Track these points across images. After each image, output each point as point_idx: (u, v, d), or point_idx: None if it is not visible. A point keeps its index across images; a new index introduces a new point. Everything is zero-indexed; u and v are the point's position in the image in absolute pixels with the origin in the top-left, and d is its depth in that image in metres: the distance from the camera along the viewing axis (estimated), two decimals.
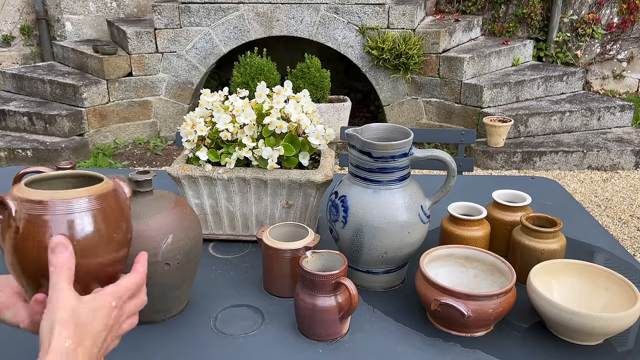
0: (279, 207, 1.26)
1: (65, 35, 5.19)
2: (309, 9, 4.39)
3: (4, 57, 5.38)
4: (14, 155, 4.03)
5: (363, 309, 1.08)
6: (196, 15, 4.44)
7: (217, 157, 1.24)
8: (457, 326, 0.99)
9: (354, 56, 4.47)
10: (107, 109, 4.46)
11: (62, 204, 0.64)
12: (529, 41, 4.95)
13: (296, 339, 0.99)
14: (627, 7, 5.04)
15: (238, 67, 4.01)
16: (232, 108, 1.25)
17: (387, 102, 4.58)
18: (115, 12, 5.27)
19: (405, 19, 4.33)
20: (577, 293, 1.05)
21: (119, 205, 0.70)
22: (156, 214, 0.97)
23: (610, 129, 4.41)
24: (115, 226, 0.69)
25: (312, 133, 1.24)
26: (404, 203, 1.06)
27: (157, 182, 1.16)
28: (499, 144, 4.07)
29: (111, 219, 0.68)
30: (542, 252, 1.11)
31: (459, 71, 4.30)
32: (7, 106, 4.31)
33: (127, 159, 4.30)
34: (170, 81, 4.61)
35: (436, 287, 0.98)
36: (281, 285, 1.11)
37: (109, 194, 0.69)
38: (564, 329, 0.97)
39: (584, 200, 3.58)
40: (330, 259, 1.03)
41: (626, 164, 4.04)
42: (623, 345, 0.99)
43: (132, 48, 4.46)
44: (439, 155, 1.07)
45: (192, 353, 0.96)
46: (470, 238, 1.16)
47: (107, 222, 0.68)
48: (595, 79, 5.35)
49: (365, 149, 1.05)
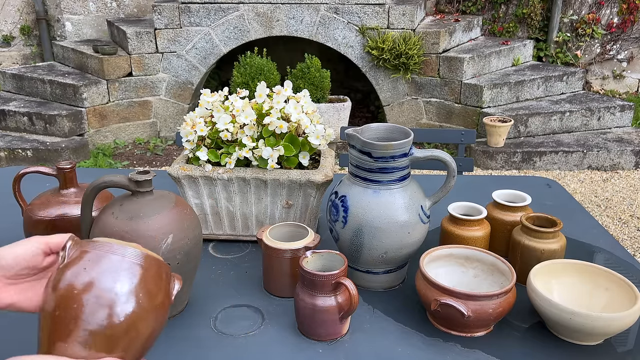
0: (279, 207, 1.26)
1: (65, 35, 5.19)
2: (309, 9, 4.39)
3: (4, 57, 5.38)
4: (14, 155, 4.03)
5: (363, 309, 1.08)
6: (196, 15, 4.44)
7: (217, 157, 1.24)
8: (457, 326, 0.99)
9: (354, 56, 4.47)
10: (107, 109, 4.46)
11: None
12: (529, 41, 4.95)
13: (296, 339, 0.99)
14: (627, 7, 5.04)
15: (238, 67, 4.01)
16: (232, 108, 1.25)
17: (387, 102, 4.58)
18: (115, 12, 5.27)
19: (405, 19, 4.33)
20: (577, 293, 1.05)
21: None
22: (156, 214, 0.97)
23: (610, 129, 4.41)
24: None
25: (312, 133, 1.24)
26: (404, 203, 1.06)
27: (157, 182, 1.16)
28: (499, 144, 4.07)
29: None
30: (542, 252, 1.11)
31: (459, 71, 4.30)
32: (7, 106, 4.32)
33: (127, 159, 4.30)
34: (170, 81, 4.61)
35: (436, 287, 0.98)
36: (281, 285, 1.11)
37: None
38: (564, 329, 0.97)
39: (584, 200, 3.58)
40: (330, 259, 1.03)
41: (626, 164, 4.04)
42: (623, 345, 0.99)
43: (132, 48, 4.46)
44: (439, 155, 1.07)
45: (192, 353, 0.96)
46: (470, 238, 1.16)
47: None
48: (595, 79, 5.35)
49: (365, 149, 1.05)
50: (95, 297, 0.65)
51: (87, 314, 0.65)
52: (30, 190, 1.33)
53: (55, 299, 0.66)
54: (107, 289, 0.66)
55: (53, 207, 1.12)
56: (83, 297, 0.65)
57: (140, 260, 0.70)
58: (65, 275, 0.67)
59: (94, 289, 0.66)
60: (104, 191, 1.18)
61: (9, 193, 1.46)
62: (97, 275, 0.67)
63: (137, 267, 0.69)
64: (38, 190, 1.29)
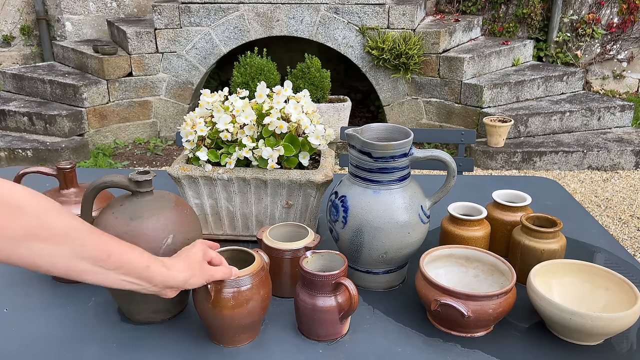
0: (279, 207, 1.26)
1: (66, 35, 5.19)
2: (309, 9, 4.39)
3: (4, 57, 5.38)
4: (14, 155, 4.03)
5: (363, 309, 1.08)
6: (196, 15, 4.44)
7: (217, 157, 1.24)
8: (457, 326, 0.99)
9: (354, 56, 4.47)
10: (107, 109, 4.46)
11: (232, 280, 0.93)
12: (529, 41, 4.95)
13: (296, 339, 0.99)
14: (627, 7, 5.04)
15: (238, 67, 4.01)
16: (232, 108, 1.25)
17: (387, 102, 4.58)
18: (115, 12, 5.27)
19: (405, 19, 4.33)
20: (577, 293, 1.05)
21: (265, 274, 0.97)
22: (156, 214, 0.97)
23: (611, 129, 4.41)
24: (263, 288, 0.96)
25: (312, 133, 1.23)
26: (404, 203, 1.06)
27: (157, 182, 1.16)
28: (499, 144, 4.07)
29: (261, 285, 0.95)
30: (542, 252, 1.11)
31: (459, 71, 4.30)
32: (7, 106, 4.31)
33: (127, 159, 4.30)
34: (171, 81, 4.61)
35: (436, 287, 0.98)
36: (281, 285, 1.11)
37: (261, 270, 0.96)
38: (563, 329, 0.97)
39: (584, 200, 3.58)
40: (330, 259, 1.03)
41: (626, 164, 4.04)
42: (623, 345, 0.99)
43: (132, 48, 4.46)
44: (439, 155, 1.07)
45: (192, 353, 0.96)
46: (470, 238, 1.16)
47: (259, 287, 0.95)
48: (595, 79, 5.35)
49: (365, 149, 1.05)
50: None
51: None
52: None
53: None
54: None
55: None
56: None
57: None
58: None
59: None
60: (104, 191, 1.18)
61: None
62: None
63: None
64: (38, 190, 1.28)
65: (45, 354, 0.96)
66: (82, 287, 1.14)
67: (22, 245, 0.64)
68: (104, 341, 0.99)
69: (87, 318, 1.05)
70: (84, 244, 0.71)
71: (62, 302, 1.10)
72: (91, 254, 0.72)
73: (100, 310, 1.07)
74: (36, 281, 1.17)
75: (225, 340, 0.97)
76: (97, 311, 1.07)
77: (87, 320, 1.04)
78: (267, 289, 0.97)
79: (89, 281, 0.74)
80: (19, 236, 0.63)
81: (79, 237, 0.71)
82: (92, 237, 0.73)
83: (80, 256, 0.71)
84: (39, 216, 0.66)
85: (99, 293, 1.12)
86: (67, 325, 1.03)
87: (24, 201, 0.64)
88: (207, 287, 0.92)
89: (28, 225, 0.64)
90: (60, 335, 1.00)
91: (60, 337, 1.00)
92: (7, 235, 0.62)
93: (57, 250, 0.68)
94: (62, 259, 0.69)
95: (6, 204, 0.62)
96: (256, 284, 0.94)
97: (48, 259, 0.68)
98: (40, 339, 1.00)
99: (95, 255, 0.72)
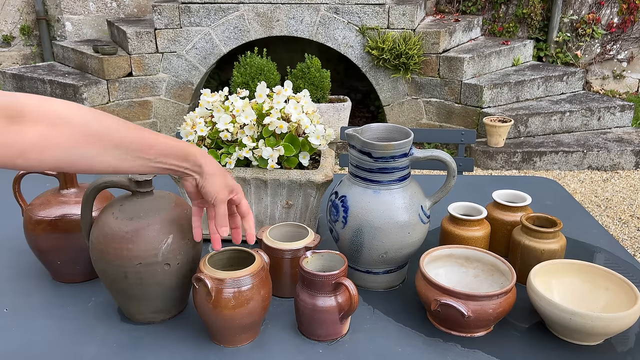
0: (279, 207, 1.26)
1: (66, 35, 5.19)
2: (309, 9, 4.39)
3: (4, 57, 5.38)
4: None
5: (363, 309, 1.08)
6: (196, 15, 4.44)
7: (217, 157, 1.24)
8: (457, 326, 0.99)
9: (354, 56, 4.47)
10: (107, 109, 4.46)
11: (233, 280, 0.93)
12: (529, 41, 4.95)
13: (296, 339, 0.99)
14: (627, 7, 5.04)
15: (238, 67, 4.01)
16: (232, 108, 1.25)
17: (387, 102, 4.58)
18: (115, 12, 5.27)
19: (405, 19, 4.33)
20: (577, 293, 1.05)
21: (265, 274, 0.98)
22: (156, 214, 0.97)
23: (611, 129, 4.41)
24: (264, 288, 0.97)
25: (312, 133, 1.23)
26: (404, 203, 1.06)
27: (157, 182, 1.16)
28: (499, 144, 4.07)
29: (261, 285, 0.96)
30: (542, 252, 1.11)
31: (459, 71, 4.30)
32: None
33: None
34: (170, 81, 4.61)
35: (436, 287, 0.98)
36: (281, 285, 1.11)
37: (261, 270, 0.96)
38: (563, 329, 0.97)
39: (584, 200, 3.58)
40: (330, 259, 1.03)
41: (626, 164, 4.04)
42: (623, 345, 0.99)
43: (132, 48, 4.46)
44: (439, 155, 1.07)
45: (192, 353, 0.96)
46: (470, 238, 1.16)
47: (259, 287, 0.96)
48: (595, 79, 5.35)
49: (365, 149, 1.05)
50: None
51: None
52: (30, 190, 1.33)
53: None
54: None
55: (53, 207, 1.12)
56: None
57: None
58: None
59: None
60: (104, 191, 1.18)
61: (9, 193, 1.46)
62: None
63: None
64: (38, 190, 1.29)
65: (45, 354, 0.96)
66: (82, 287, 1.14)
67: (75, 152, 0.75)
68: (104, 341, 0.99)
69: (87, 318, 1.05)
70: (131, 142, 0.81)
71: (62, 302, 1.10)
72: (136, 149, 0.82)
73: (100, 310, 1.07)
74: (36, 281, 1.17)
75: (225, 340, 0.97)
76: (97, 311, 1.07)
77: (87, 320, 1.04)
78: (268, 289, 0.97)
79: (135, 172, 0.85)
80: (72, 146, 0.74)
81: (122, 136, 0.80)
82: (134, 133, 0.82)
83: (127, 153, 0.81)
84: (87, 124, 0.76)
85: (99, 293, 1.13)
86: (67, 325, 1.03)
87: (72, 114, 0.74)
88: (207, 287, 0.92)
89: (78, 133, 0.75)
90: (60, 335, 1.00)
91: (60, 337, 1.00)
92: (61, 145, 0.73)
93: (105, 152, 0.78)
94: (112, 159, 0.80)
95: (58, 118, 0.73)
96: (256, 284, 0.94)
97: (99, 161, 0.78)
98: (40, 338, 1.00)
99: (139, 149, 0.82)
